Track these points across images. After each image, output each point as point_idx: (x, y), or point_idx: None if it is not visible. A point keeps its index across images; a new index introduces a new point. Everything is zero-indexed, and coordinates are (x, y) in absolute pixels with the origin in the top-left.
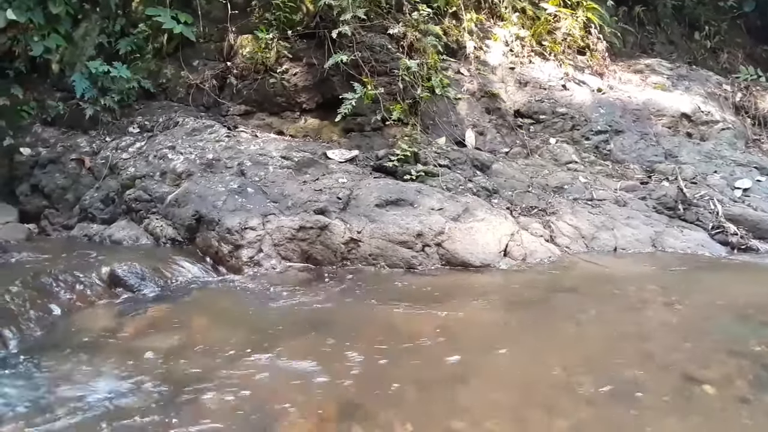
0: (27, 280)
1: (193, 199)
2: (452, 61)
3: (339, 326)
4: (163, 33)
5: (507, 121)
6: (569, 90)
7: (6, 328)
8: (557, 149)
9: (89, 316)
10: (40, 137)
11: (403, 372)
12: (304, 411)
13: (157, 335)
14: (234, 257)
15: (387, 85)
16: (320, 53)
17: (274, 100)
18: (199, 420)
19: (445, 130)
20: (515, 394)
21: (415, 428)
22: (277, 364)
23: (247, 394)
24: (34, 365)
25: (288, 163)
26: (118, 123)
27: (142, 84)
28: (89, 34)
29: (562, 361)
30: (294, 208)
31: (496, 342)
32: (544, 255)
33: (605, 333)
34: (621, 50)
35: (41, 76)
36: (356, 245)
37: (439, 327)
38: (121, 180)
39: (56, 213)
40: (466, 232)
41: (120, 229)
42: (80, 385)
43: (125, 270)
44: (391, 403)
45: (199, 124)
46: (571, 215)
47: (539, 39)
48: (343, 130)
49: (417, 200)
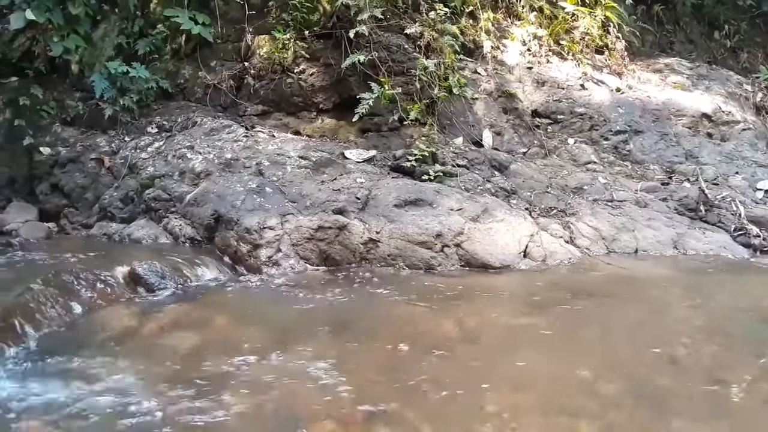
0: (48, 278)
1: (212, 198)
2: (469, 61)
3: (359, 327)
4: (181, 34)
5: (524, 121)
6: (588, 90)
7: (27, 325)
8: (576, 149)
9: (110, 314)
10: (59, 137)
11: (425, 373)
12: (327, 411)
13: (179, 334)
14: (253, 257)
15: (404, 85)
16: (337, 53)
17: (291, 100)
18: (222, 420)
19: (462, 130)
20: (540, 397)
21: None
22: (298, 364)
23: (270, 394)
24: (55, 363)
25: (306, 162)
26: (137, 123)
27: (161, 84)
28: (108, 35)
29: (587, 364)
30: (312, 208)
31: (518, 344)
32: (564, 256)
33: (630, 336)
34: (640, 49)
35: (60, 76)
36: (375, 245)
37: (461, 328)
38: (140, 179)
39: (76, 212)
40: (485, 233)
41: (139, 228)
42: (101, 383)
43: (145, 269)
44: (415, 405)
45: (217, 123)
46: (591, 216)
47: (557, 38)
48: (359, 130)
49: (436, 200)
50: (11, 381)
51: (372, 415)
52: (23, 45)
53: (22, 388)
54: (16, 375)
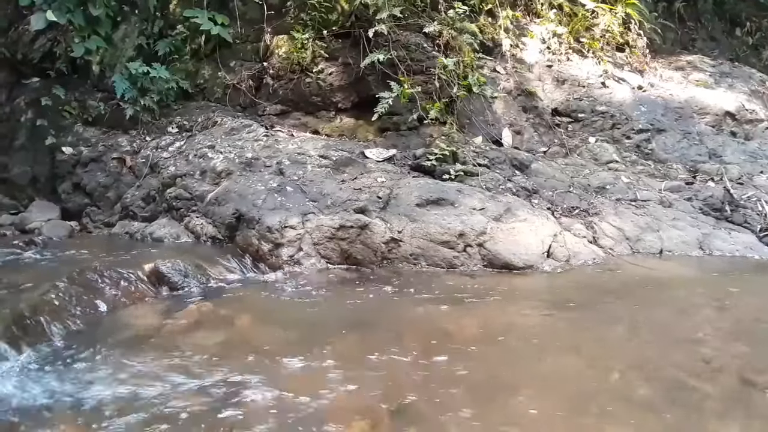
0: (73, 276)
1: (233, 197)
2: (488, 59)
3: (383, 326)
4: (201, 34)
5: (545, 119)
6: (609, 87)
7: (53, 323)
8: (597, 148)
9: (134, 312)
10: (81, 137)
11: (451, 374)
12: (355, 410)
13: (202, 332)
14: (274, 256)
15: (423, 83)
16: (355, 52)
17: (310, 99)
18: (248, 418)
19: (481, 129)
20: (570, 399)
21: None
22: (323, 363)
23: (296, 394)
24: (81, 360)
25: (326, 162)
26: (158, 123)
27: (181, 84)
28: (128, 36)
29: (616, 366)
30: (333, 207)
31: (545, 345)
32: (588, 257)
33: (658, 337)
34: (661, 47)
35: (82, 77)
36: (397, 245)
37: (486, 328)
38: (161, 179)
39: (98, 211)
40: (508, 233)
41: (161, 226)
42: (126, 381)
43: (169, 267)
44: (443, 407)
45: (237, 123)
46: (614, 216)
47: (577, 36)
48: (378, 129)
49: (458, 200)
50: (38, 378)
51: (399, 415)
52: (44, 46)
53: (49, 385)
54: (43, 373)
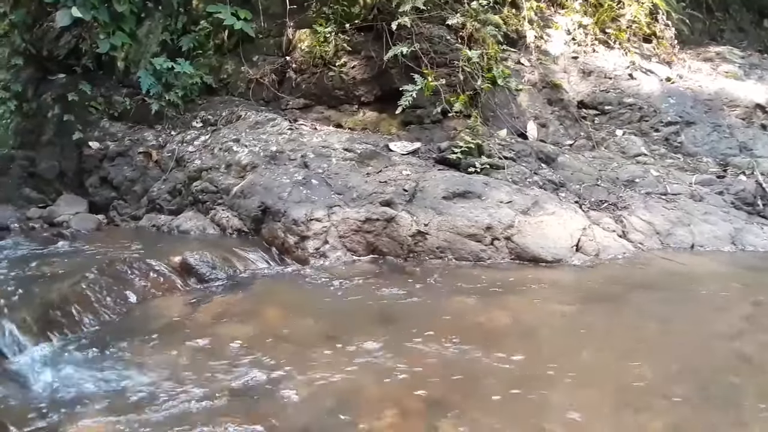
0: (103, 267)
1: (259, 190)
2: (512, 51)
3: (411, 319)
4: (224, 29)
5: (570, 112)
6: (636, 79)
7: (84, 313)
8: (625, 141)
9: (164, 303)
10: (107, 131)
11: (483, 368)
12: (387, 404)
13: (233, 324)
14: (300, 248)
15: (447, 76)
16: (378, 46)
17: (333, 93)
18: (282, 410)
19: (505, 122)
20: (605, 394)
21: (503, 427)
22: (353, 355)
23: (328, 385)
24: (112, 350)
25: (351, 155)
26: (182, 117)
27: (204, 79)
28: (152, 32)
29: (651, 362)
30: (359, 200)
31: (578, 340)
32: (617, 251)
33: (693, 333)
34: (689, 37)
35: (107, 72)
36: (423, 238)
37: (516, 322)
38: (187, 172)
39: (124, 204)
40: (536, 226)
41: (187, 219)
42: (159, 371)
43: (197, 259)
44: (476, 400)
45: (261, 117)
46: (644, 210)
47: (603, 27)
48: (402, 122)
49: (485, 193)
50: (69, 367)
51: (433, 406)
52: (70, 43)
53: (81, 374)
54: (75, 361)
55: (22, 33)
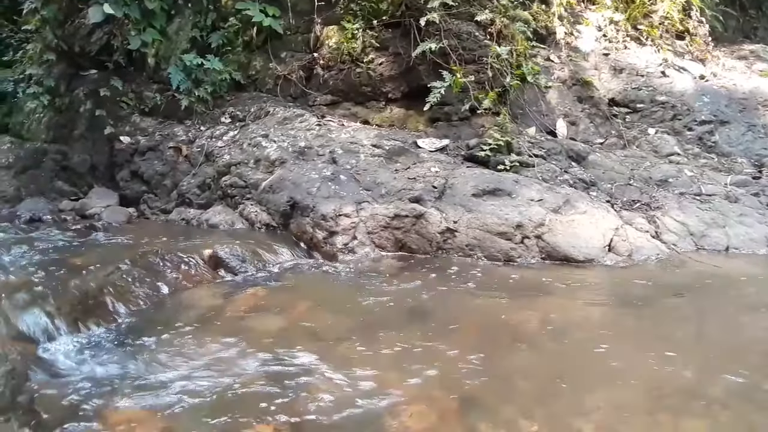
0: (135, 258)
1: (288, 185)
2: (541, 48)
3: (440, 316)
4: (253, 26)
5: (601, 110)
6: (669, 77)
7: (118, 303)
8: (657, 140)
9: (195, 294)
10: (138, 126)
11: (516, 367)
12: (420, 402)
13: (263, 317)
14: (328, 243)
15: (475, 73)
16: (406, 42)
17: (360, 89)
18: (313, 404)
19: (534, 120)
20: (642, 395)
21: (540, 428)
22: (383, 351)
23: (360, 381)
24: (145, 340)
25: (379, 151)
26: (211, 113)
27: (233, 76)
28: (182, 29)
29: (687, 364)
30: (387, 197)
31: (610, 340)
32: (651, 252)
33: (729, 335)
34: (722, 35)
35: (138, 69)
36: (452, 235)
37: (547, 322)
38: (216, 167)
39: (154, 198)
40: (567, 225)
41: (216, 213)
42: (191, 362)
43: (227, 252)
44: (510, 399)
45: (289, 113)
46: (677, 210)
47: (634, 23)
48: (429, 119)
49: (515, 190)
50: (104, 356)
51: (467, 406)
52: (101, 39)
53: (115, 364)
54: (109, 351)
55: (54, 29)
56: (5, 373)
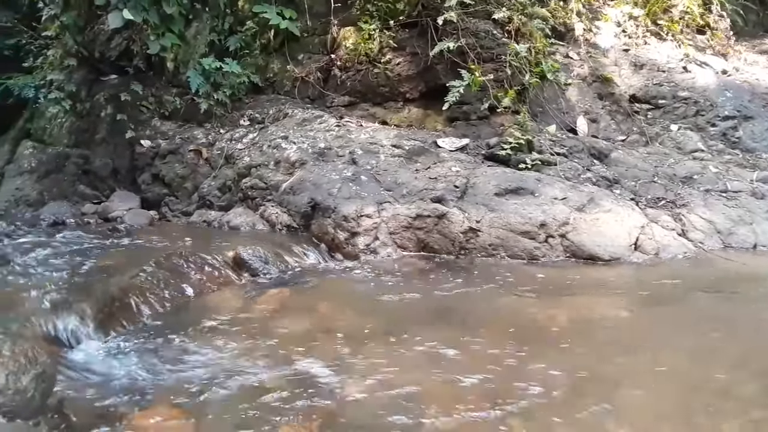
0: (160, 260)
1: (308, 186)
2: (560, 45)
3: (466, 317)
4: (270, 29)
5: (622, 106)
6: (691, 72)
7: (143, 305)
8: (680, 136)
9: (219, 296)
10: (158, 130)
11: (545, 368)
12: (450, 402)
13: (287, 318)
14: (350, 244)
15: (494, 71)
16: (423, 42)
17: (378, 90)
18: (343, 406)
19: (554, 118)
20: (675, 395)
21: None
22: (410, 352)
23: (388, 383)
24: (171, 342)
25: (399, 151)
26: (230, 116)
27: (251, 78)
28: (200, 33)
29: (720, 364)
30: (409, 197)
31: (642, 340)
32: (677, 250)
33: (761, 334)
34: (743, 29)
35: (157, 73)
36: (475, 235)
37: (575, 321)
38: (236, 169)
39: (175, 200)
40: (592, 223)
41: (237, 215)
42: (217, 364)
43: (250, 254)
44: (543, 402)
45: (308, 114)
46: (703, 208)
47: (654, 18)
48: (447, 119)
49: (538, 189)
50: (131, 358)
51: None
52: (121, 45)
53: (142, 365)
54: (136, 353)
55: (74, 35)
56: (35, 376)
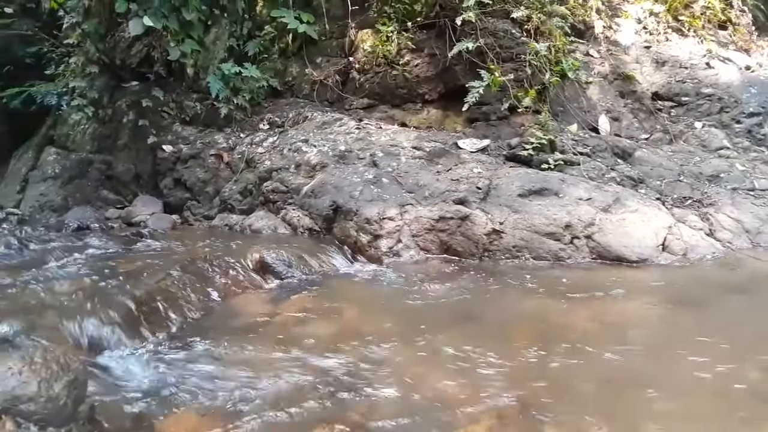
0: (185, 264)
1: (330, 189)
2: (580, 43)
3: (492, 319)
4: (288, 33)
5: (644, 104)
6: (714, 68)
7: (170, 310)
8: (705, 134)
9: (244, 300)
10: (179, 135)
11: (576, 370)
12: (480, 406)
13: (314, 322)
14: (373, 247)
15: (513, 71)
16: (441, 42)
17: (396, 92)
18: (374, 411)
19: (576, 117)
20: (712, 399)
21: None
22: (438, 355)
23: (418, 386)
24: (199, 347)
25: (420, 153)
26: (250, 120)
27: (270, 83)
28: (219, 39)
29: (753, 366)
30: (431, 199)
31: (671, 342)
32: (706, 251)
33: None
34: (764, 24)
35: (177, 79)
36: (499, 236)
37: (604, 324)
38: (257, 173)
39: (197, 204)
40: (618, 224)
41: (259, 219)
42: (246, 369)
43: (273, 257)
44: (574, 404)
45: (328, 117)
46: (731, 207)
47: (675, 14)
48: (467, 120)
49: (562, 189)
50: (159, 363)
51: (529, 410)
52: (141, 52)
53: (170, 370)
54: (164, 358)
55: (96, 42)
56: (67, 383)
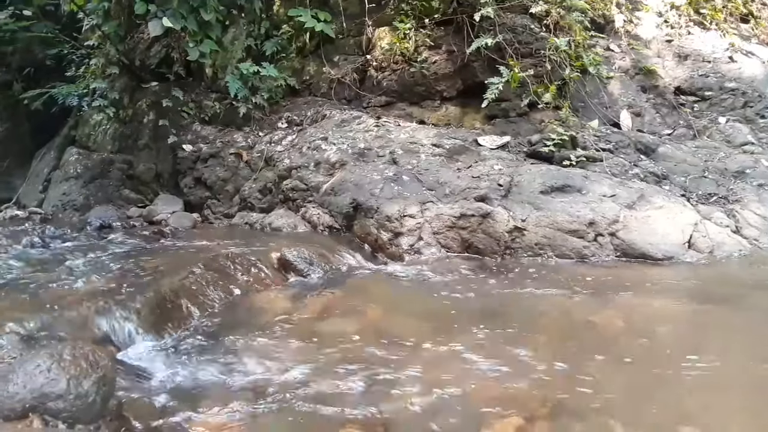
0: (208, 262)
1: (349, 187)
2: (600, 38)
3: (516, 318)
4: (305, 32)
5: (667, 99)
6: (737, 62)
7: (193, 307)
8: (729, 129)
9: (266, 297)
10: (199, 134)
11: (602, 369)
12: (508, 407)
13: (336, 320)
14: (394, 245)
15: (533, 67)
16: (459, 39)
17: (414, 89)
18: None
19: (597, 112)
20: (744, 397)
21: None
22: (463, 355)
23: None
24: (222, 343)
25: (439, 150)
26: (268, 119)
27: (288, 81)
28: (237, 38)
29: None
30: (452, 196)
31: (701, 341)
32: (733, 248)
33: None
34: None
35: (196, 79)
36: (521, 234)
37: (630, 322)
38: (277, 171)
39: (218, 203)
40: (642, 221)
41: (278, 217)
42: (269, 365)
43: (295, 255)
44: (602, 404)
45: (346, 115)
46: (757, 203)
47: (697, 7)
48: (486, 116)
49: (585, 186)
50: (183, 359)
51: (557, 410)
52: (160, 52)
53: (194, 366)
54: (187, 354)
55: (115, 44)
56: (96, 380)
